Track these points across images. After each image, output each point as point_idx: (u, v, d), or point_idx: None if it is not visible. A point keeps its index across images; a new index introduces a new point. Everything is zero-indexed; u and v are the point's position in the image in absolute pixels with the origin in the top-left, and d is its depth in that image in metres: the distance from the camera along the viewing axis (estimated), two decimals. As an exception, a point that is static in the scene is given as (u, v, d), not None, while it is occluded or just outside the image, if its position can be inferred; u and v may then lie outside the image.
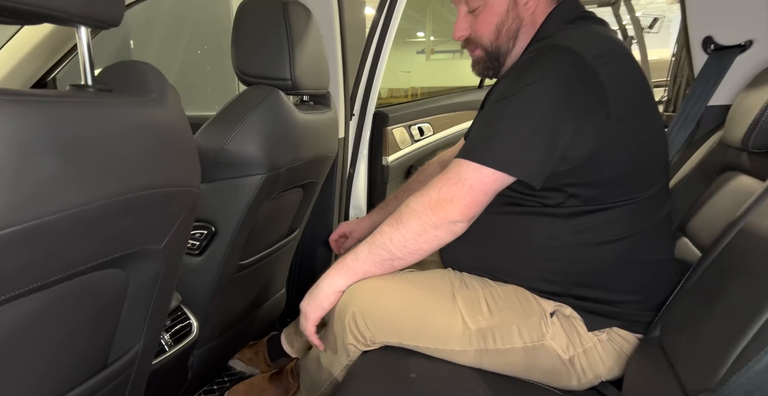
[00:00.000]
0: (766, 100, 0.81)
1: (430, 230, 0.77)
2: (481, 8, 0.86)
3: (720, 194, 0.92)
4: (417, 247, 0.79)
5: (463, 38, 0.92)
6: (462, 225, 0.77)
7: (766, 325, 0.53)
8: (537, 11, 0.86)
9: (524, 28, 0.86)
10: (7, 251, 0.40)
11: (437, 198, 0.76)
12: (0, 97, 0.39)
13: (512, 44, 0.88)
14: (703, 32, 1.06)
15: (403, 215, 0.79)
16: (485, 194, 0.76)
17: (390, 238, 0.80)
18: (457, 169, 0.76)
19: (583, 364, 0.84)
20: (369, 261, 0.82)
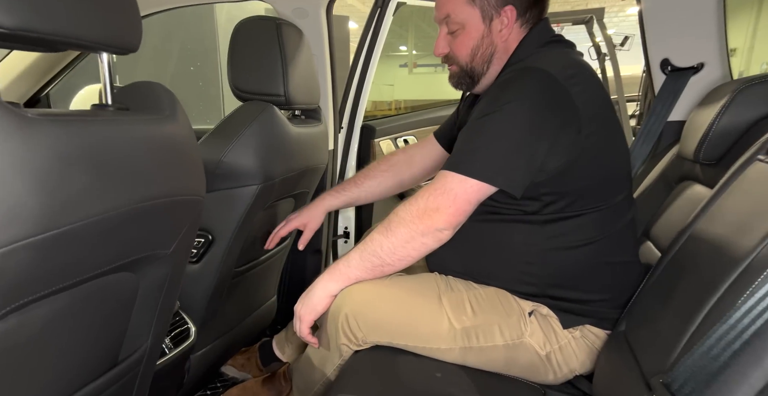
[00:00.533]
0: (712, 117, 0.91)
1: (418, 237, 0.83)
2: (459, 31, 0.94)
3: (678, 202, 1.01)
4: (406, 254, 0.85)
5: (443, 55, 0.99)
6: (447, 232, 0.83)
7: (709, 314, 0.61)
8: (510, 38, 0.94)
9: (498, 53, 0.94)
10: (45, 253, 0.45)
11: (425, 207, 0.82)
12: (42, 118, 0.45)
13: (486, 68, 0.95)
14: (660, 55, 1.17)
15: (392, 224, 0.85)
16: (469, 203, 0.82)
17: (380, 245, 0.85)
18: (443, 180, 0.83)
19: (558, 360, 0.91)
20: (360, 267, 0.88)
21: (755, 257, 0.59)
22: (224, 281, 1.07)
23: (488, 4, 0.91)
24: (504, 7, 0.91)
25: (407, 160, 1.24)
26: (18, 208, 0.42)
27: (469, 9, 0.92)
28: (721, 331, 0.55)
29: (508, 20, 0.91)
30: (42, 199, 0.44)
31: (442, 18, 0.96)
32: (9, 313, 0.45)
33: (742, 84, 0.91)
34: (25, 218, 0.42)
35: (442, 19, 0.96)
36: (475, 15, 0.92)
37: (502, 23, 0.92)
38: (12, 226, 0.41)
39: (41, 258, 0.45)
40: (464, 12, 0.92)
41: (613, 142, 0.90)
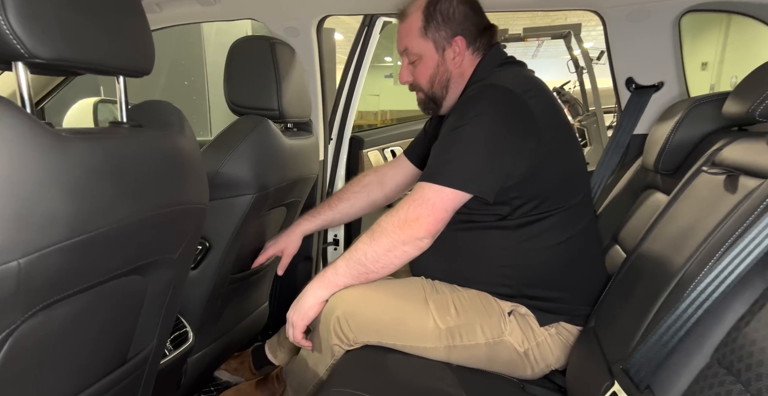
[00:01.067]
0: (669, 131, 1.01)
1: (399, 246, 0.89)
2: (417, 62, 1.04)
3: (641, 209, 1.10)
4: (389, 262, 0.91)
5: (408, 83, 1.09)
6: (427, 241, 0.90)
7: (661, 307, 0.69)
8: (464, 64, 1.03)
9: (453, 78, 1.03)
10: (74, 256, 0.50)
11: (405, 217, 0.89)
12: (72, 136, 0.51)
13: (445, 92, 1.04)
14: (625, 73, 1.28)
15: (375, 233, 0.91)
16: (446, 211, 0.89)
17: (364, 254, 0.92)
18: (421, 191, 0.90)
19: (536, 356, 0.98)
20: (347, 274, 0.94)
21: (699, 256, 0.67)
22: (221, 287, 1.12)
23: (440, 37, 1.00)
24: (454, 38, 1.00)
25: (379, 180, 1.30)
26: (53, 215, 0.47)
27: (423, 42, 1.01)
28: (670, 321, 0.63)
29: (459, 49, 1.01)
30: (73, 207, 0.49)
31: (402, 50, 1.05)
32: (39, 311, 0.51)
33: (693, 102, 1.01)
34: (60, 225, 0.48)
35: (402, 52, 1.05)
36: (429, 47, 1.01)
37: (454, 52, 1.01)
38: (49, 231, 0.47)
39: (70, 260, 0.51)
40: (420, 45, 1.02)
41: (568, 147, 0.99)
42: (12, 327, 0.47)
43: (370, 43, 1.68)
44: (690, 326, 0.61)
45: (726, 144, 0.83)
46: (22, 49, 0.48)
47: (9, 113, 0.45)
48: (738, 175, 0.72)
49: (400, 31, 1.05)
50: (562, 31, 4.32)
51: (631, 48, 1.25)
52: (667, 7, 1.17)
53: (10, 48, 0.47)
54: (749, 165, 0.71)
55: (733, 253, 0.59)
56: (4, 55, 0.49)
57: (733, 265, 0.59)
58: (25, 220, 0.45)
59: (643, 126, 1.26)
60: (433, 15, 0.99)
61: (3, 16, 0.46)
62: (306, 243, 1.60)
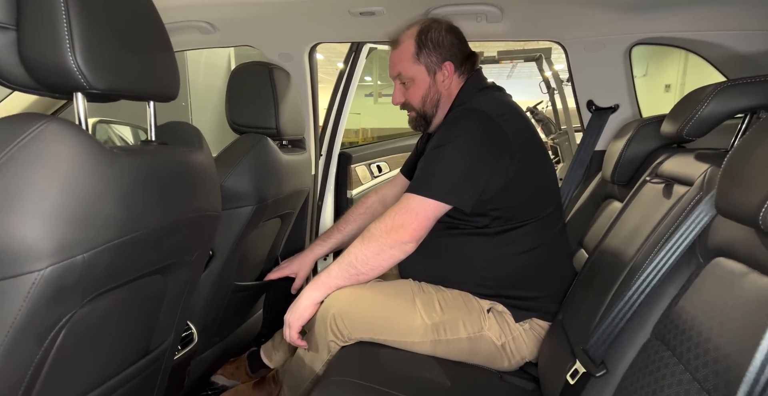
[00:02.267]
0: (621, 148, 1.16)
1: (387, 250, 1.00)
2: (410, 84, 1.17)
3: (602, 216, 1.25)
4: (377, 264, 1.02)
5: (400, 104, 1.21)
6: (412, 245, 1.01)
7: (614, 295, 0.81)
8: (452, 86, 1.16)
9: (443, 99, 1.17)
10: (121, 253, 0.60)
11: (391, 224, 1.00)
12: (120, 152, 0.61)
13: (435, 110, 1.18)
14: (586, 96, 1.44)
15: (365, 239, 1.02)
16: (428, 219, 1.01)
17: (355, 257, 1.02)
18: (406, 201, 1.01)
19: (512, 349, 1.09)
20: (339, 276, 1.04)
21: (642, 250, 0.81)
22: (222, 292, 1.20)
23: (431, 61, 1.14)
24: (444, 63, 1.14)
25: (381, 200, 1.43)
26: (108, 218, 0.57)
27: (416, 66, 1.14)
28: (620, 306, 0.75)
29: (448, 72, 1.14)
30: (122, 211, 0.59)
31: (395, 75, 1.18)
32: (90, 301, 0.59)
33: (641, 123, 1.17)
34: (112, 226, 0.57)
35: (395, 76, 1.18)
36: (422, 70, 1.15)
37: (444, 75, 1.15)
38: (105, 231, 0.56)
39: (117, 257, 0.60)
40: (412, 69, 1.15)
41: (539, 164, 1.12)
42: (72, 312, 0.56)
43: (357, 67, 1.81)
44: (635, 308, 0.74)
45: (666, 158, 0.98)
46: (84, 82, 0.58)
47: (74, 133, 0.55)
48: (673, 183, 0.87)
49: (393, 58, 1.17)
50: (534, 55, 4.59)
51: (590, 74, 1.42)
52: (618, 41, 1.34)
53: (74, 81, 0.57)
54: (681, 175, 0.85)
55: (667, 247, 0.72)
56: (68, 87, 0.58)
57: (667, 257, 0.72)
58: (88, 222, 0.54)
59: (602, 143, 1.42)
60: (425, 42, 1.12)
61: (72, 55, 0.56)
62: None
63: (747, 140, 0.58)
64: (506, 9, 1.20)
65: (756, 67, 1.23)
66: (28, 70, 0.57)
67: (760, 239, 0.56)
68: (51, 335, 0.55)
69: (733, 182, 0.57)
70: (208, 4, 1.29)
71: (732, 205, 0.56)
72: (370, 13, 1.31)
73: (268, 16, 1.36)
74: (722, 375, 0.49)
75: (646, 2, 1.13)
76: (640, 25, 1.27)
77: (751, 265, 0.56)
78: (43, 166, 0.52)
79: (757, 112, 0.82)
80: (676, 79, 7.23)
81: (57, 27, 0.56)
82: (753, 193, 0.51)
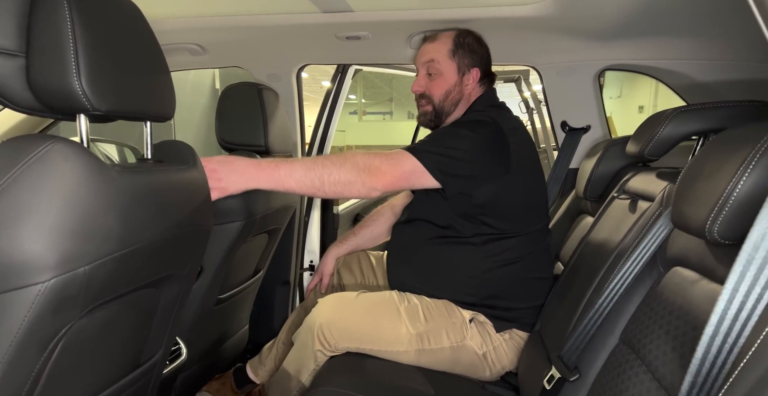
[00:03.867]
0: (592, 166, 1.24)
1: (357, 185, 0.99)
2: (436, 76, 1.21)
3: (576, 230, 1.32)
4: (341, 190, 0.98)
5: (419, 93, 1.24)
6: (378, 193, 1.01)
7: (586, 304, 0.87)
8: (473, 92, 1.23)
9: (462, 100, 1.22)
10: (120, 266, 0.63)
11: (377, 166, 1.00)
12: (122, 170, 0.64)
13: (453, 109, 1.22)
14: (560, 117, 1.53)
15: (347, 164, 0.98)
16: (408, 181, 1.03)
17: (329, 173, 0.97)
18: (400, 155, 1.03)
19: (493, 359, 1.13)
20: (300, 182, 0.96)
21: (610, 262, 0.87)
22: (209, 307, 1.21)
23: (463, 62, 1.20)
24: (473, 68, 1.21)
25: (391, 209, 1.48)
26: (109, 231, 0.60)
27: (450, 61, 1.20)
28: (590, 314, 0.81)
29: (474, 78, 1.21)
30: (122, 225, 0.62)
31: (426, 61, 1.22)
32: (87, 313, 0.62)
33: (609, 143, 1.25)
34: (112, 240, 0.60)
35: (425, 63, 1.22)
36: (453, 67, 1.20)
37: (469, 79, 1.21)
38: (106, 244, 0.59)
39: (116, 269, 0.63)
40: (446, 63, 1.20)
41: (533, 183, 1.18)
42: (71, 322, 0.58)
43: (343, 87, 1.88)
44: (604, 316, 0.79)
45: (632, 176, 1.06)
46: (88, 104, 0.62)
47: (78, 153, 0.58)
48: (638, 199, 0.94)
49: (428, 47, 1.22)
50: (513, 76, 4.77)
51: (563, 97, 1.51)
52: (587, 66, 1.44)
53: (79, 104, 0.61)
54: (644, 192, 0.93)
55: (632, 258, 0.78)
56: (72, 109, 0.62)
57: (632, 267, 0.78)
58: (90, 236, 0.57)
59: (576, 161, 1.50)
60: (462, 44, 1.19)
61: (78, 80, 0.60)
62: (284, 268, 1.72)
63: (695, 160, 0.65)
64: (483, 35, 1.28)
65: (712, 94, 1.34)
66: (36, 94, 0.61)
67: (708, 249, 0.62)
68: (51, 345, 0.57)
69: (685, 198, 0.63)
70: (199, 27, 1.34)
71: (684, 218, 0.62)
72: (356, 38, 1.38)
73: (258, 39, 1.42)
74: (677, 372, 0.54)
75: (611, 32, 1.23)
76: (607, 53, 1.37)
77: (702, 273, 0.62)
78: (49, 184, 0.55)
79: (708, 135, 0.90)
80: (649, 100, 7.58)
81: (64, 54, 0.60)
82: (700, 208, 0.58)
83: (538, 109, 4.65)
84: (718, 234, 0.54)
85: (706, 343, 0.43)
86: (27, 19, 0.60)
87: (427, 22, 1.24)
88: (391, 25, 1.25)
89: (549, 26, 1.19)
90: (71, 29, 0.59)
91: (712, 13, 1.00)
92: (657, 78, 1.43)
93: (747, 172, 0.52)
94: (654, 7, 0.99)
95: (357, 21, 1.23)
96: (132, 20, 0.72)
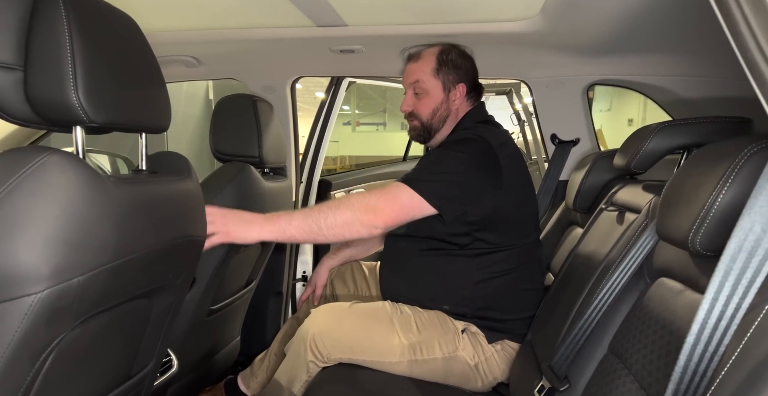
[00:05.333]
0: (581, 178, 1.26)
1: (356, 225, 1.01)
2: (423, 95, 1.23)
3: (566, 242, 1.33)
4: (340, 233, 1.01)
5: (408, 112, 1.26)
6: (379, 230, 1.02)
7: (576, 314, 0.88)
8: (460, 108, 1.25)
9: (450, 116, 1.24)
10: (114, 276, 0.63)
11: (374, 204, 1.02)
12: (117, 181, 0.65)
13: (441, 125, 1.24)
14: (550, 131, 1.56)
15: (342, 206, 1.02)
16: (407, 214, 1.04)
17: (325, 217, 1.00)
18: (396, 189, 1.05)
19: (485, 369, 1.13)
20: (299, 228, 1.01)
21: (599, 273, 0.88)
22: (201, 317, 1.21)
23: (448, 80, 1.22)
24: (459, 84, 1.23)
25: None
26: (104, 242, 0.60)
27: (434, 80, 1.22)
28: (580, 324, 0.82)
29: (460, 94, 1.23)
30: (118, 235, 0.62)
31: (411, 82, 1.24)
32: (80, 324, 0.62)
33: (598, 156, 1.28)
34: (107, 250, 0.61)
35: (411, 83, 1.24)
36: (438, 85, 1.22)
37: (455, 95, 1.23)
38: (101, 255, 0.60)
39: (110, 280, 0.63)
40: (431, 82, 1.22)
41: (524, 196, 1.20)
42: (64, 333, 0.58)
43: (337, 98, 1.90)
44: (593, 326, 0.80)
45: (619, 188, 1.08)
46: (85, 116, 0.62)
47: (74, 164, 0.59)
48: (625, 211, 0.96)
49: (412, 68, 1.24)
50: (505, 88, 4.85)
51: (553, 110, 1.55)
52: (576, 81, 1.48)
53: (75, 116, 0.62)
54: (631, 204, 0.95)
55: (619, 269, 0.80)
56: (68, 122, 0.63)
57: (619, 278, 0.80)
58: (85, 246, 0.58)
59: (566, 173, 1.53)
60: (446, 61, 1.21)
61: (75, 92, 0.61)
62: (276, 279, 1.71)
63: (678, 174, 0.67)
64: (475, 50, 1.31)
65: (697, 109, 1.38)
66: (33, 106, 0.62)
67: (692, 261, 0.63)
68: (43, 356, 0.57)
69: (669, 210, 0.65)
70: (194, 40, 1.36)
71: (668, 230, 0.64)
72: (350, 51, 1.40)
73: (253, 51, 1.44)
74: (663, 381, 0.55)
75: (599, 48, 1.26)
76: (595, 68, 1.41)
77: (686, 284, 0.64)
78: (45, 195, 0.56)
79: (691, 149, 0.93)
80: (638, 114, 7.72)
81: (62, 68, 0.61)
82: (683, 220, 0.59)
83: (529, 122, 4.74)
84: (700, 245, 0.56)
85: (687, 351, 0.45)
86: (26, 33, 0.61)
87: (420, 37, 1.27)
88: (384, 39, 1.28)
89: (538, 42, 1.22)
90: (69, 43, 0.60)
91: (694, 32, 1.04)
92: (643, 93, 1.46)
93: (726, 186, 0.54)
94: (639, 24, 1.02)
95: (351, 35, 1.25)
96: (129, 33, 0.73)
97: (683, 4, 0.89)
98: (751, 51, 0.37)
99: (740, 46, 0.38)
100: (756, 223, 0.43)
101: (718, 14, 0.41)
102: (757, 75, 0.37)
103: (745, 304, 0.43)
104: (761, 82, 0.37)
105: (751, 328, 0.40)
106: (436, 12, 1.11)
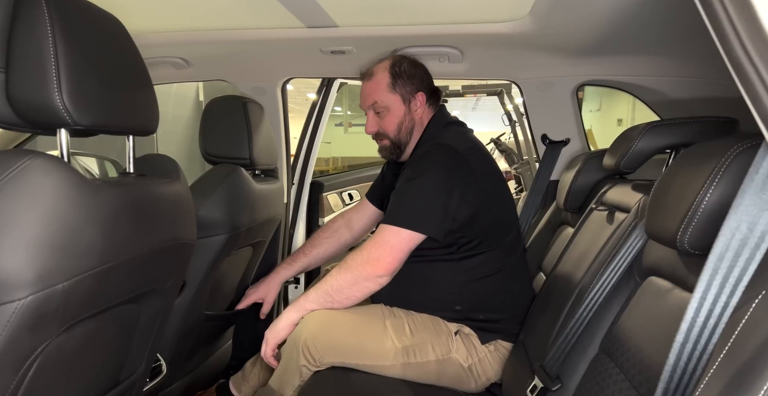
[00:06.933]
0: (571, 178, 1.27)
1: (362, 282, 1.05)
2: (384, 113, 1.23)
3: (558, 241, 1.34)
4: (351, 294, 1.06)
5: (374, 133, 1.27)
6: (386, 278, 1.05)
7: (567, 313, 0.88)
8: (423, 115, 1.25)
9: (416, 126, 1.25)
10: (100, 281, 0.62)
11: (368, 257, 1.05)
12: (102, 184, 0.64)
13: (409, 137, 1.25)
14: (540, 131, 1.57)
15: (342, 269, 1.07)
16: (403, 252, 1.06)
17: (331, 286, 1.07)
18: (381, 234, 1.06)
19: (478, 370, 1.13)
20: (315, 302, 1.09)
21: (589, 272, 0.89)
22: (193, 323, 1.19)
23: (405, 91, 1.22)
24: (417, 93, 1.23)
25: (347, 224, 1.47)
26: (90, 246, 0.59)
27: (391, 95, 1.22)
28: (571, 323, 0.82)
29: (420, 102, 1.23)
30: (104, 240, 0.61)
31: (369, 104, 1.25)
32: (65, 330, 0.61)
33: (588, 156, 1.28)
34: (93, 254, 0.60)
35: (370, 106, 1.25)
36: (397, 99, 1.23)
37: (416, 104, 1.23)
38: (86, 259, 0.59)
39: (96, 285, 0.62)
40: (388, 98, 1.22)
41: (500, 195, 1.21)
42: (48, 340, 0.57)
43: (328, 99, 1.90)
44: (584, 326, 0.80)
45: (609, 188, 1.09)
46: (69, 119, 0.61)
47: (58, 167, 0.58)
48: (615, 211, 0.96)
49: (367, 88, 1.24)
50: (496, 89, 4.87)
51: (543, 111, 1.55)
52: (565, 81, 1.49)
53: (59, 118, 0.61)
54: (621, 203, 0.95)
55: (609, 268, 0.80)
56: (52, 124, 0.62)
57: (610, 277, 0.80)
58: (70, 250, 0.57)
59: (556, 173, 1.54)
60: (399, 73, 1.21)
61: (59, 94, 0.60)
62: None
63: (667, 174, 0.67)
64: (466, 51, 1.31)
65: (684, 109, 1.39)
66: (16, 109, 0.61)
67: (680, 259, 0.64)
68: (26, 364, 0.55)
69: (657, 209, 0.65)
70: (183, 41, 1.34)
71: (657, 229, 0.65)
72: (341, 52, 1.40)
73: (242, 53, 1.43)
74: (653, 380, 0.55)
75: (587, 49, 1.27)
76: (584, 69, 1.42)
77: (675, 282, 0.65)
78: (28, 199, 0.55)
79: (679, 148, 0.94)
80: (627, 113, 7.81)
81: (46, 69, 0.60)
82: (671, 219, 0.60)
83: (520, 122, 4.76)
84: (688, 244, 0.56)
85: (676, 350, 0.45)
86: (7, 34, 0.60)
87: (410, 38, 1.27)
88: (375, 40, 1.28)
89: (528, 43, 1.23)
90: (53, 44, 0.59)
91: (681, 33, 1.05)
92: (632, 93, 1.48)
93: (713, 186, 0.54)
94: (627, 25, 1.03)
95: (342, 36, 1.25)
96: (114, 34, 0.72)
97: (670, 6, 0.90)
98: (736, 52, 0.37)
99: (726, 47, 0.39)
100: (742, 221, 0.43)
101: (704, 16, 0.41)
102: (743, 76, 0.37)
103: (732, 303, 0.43)
104: (746, 82, 0.37)
105: (738, 326, 0.41)
106: (426, 13, 1.11)
